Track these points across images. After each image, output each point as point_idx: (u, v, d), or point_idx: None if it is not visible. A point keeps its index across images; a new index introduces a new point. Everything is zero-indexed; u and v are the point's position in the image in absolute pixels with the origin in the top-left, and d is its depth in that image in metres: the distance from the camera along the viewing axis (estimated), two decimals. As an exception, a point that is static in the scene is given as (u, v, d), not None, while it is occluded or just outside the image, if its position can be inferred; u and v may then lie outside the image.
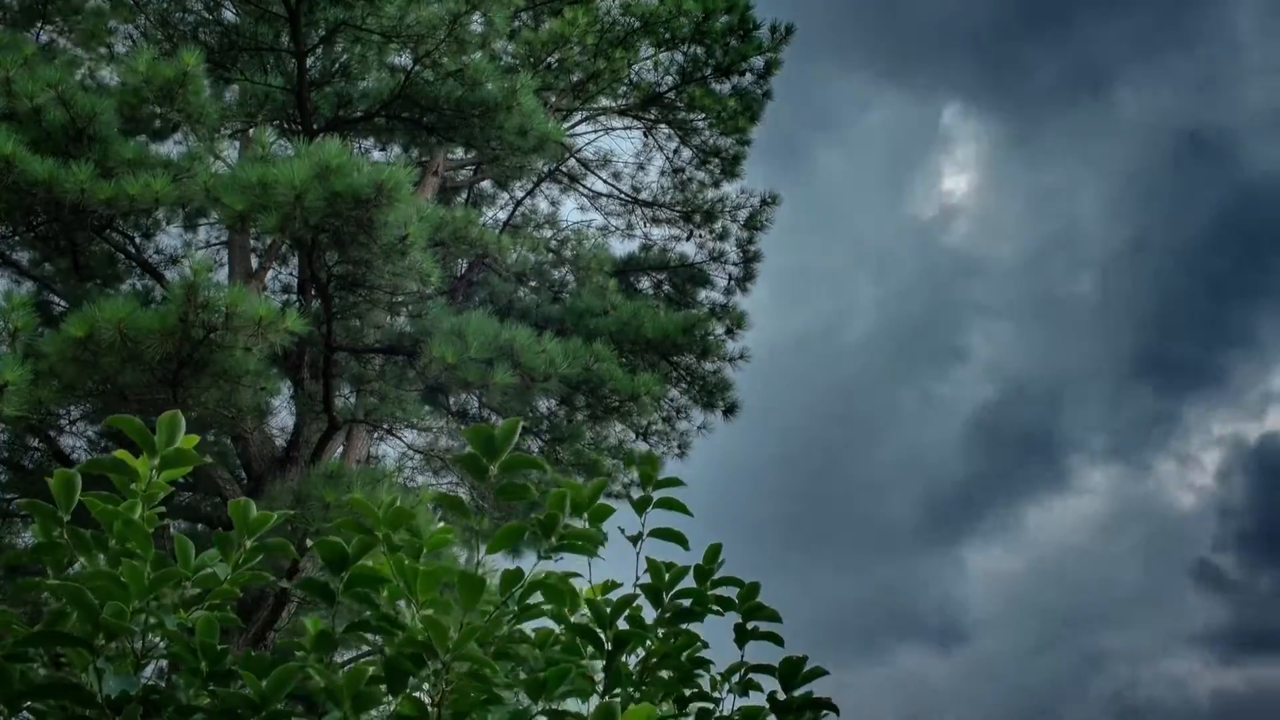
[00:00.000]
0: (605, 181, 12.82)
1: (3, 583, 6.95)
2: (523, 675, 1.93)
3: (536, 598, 2.01)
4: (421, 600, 1.83)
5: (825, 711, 2.11)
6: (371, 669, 1.81)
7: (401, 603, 1.93)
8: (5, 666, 1.69)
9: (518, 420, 1.88)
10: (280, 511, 1.94)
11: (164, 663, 1.97)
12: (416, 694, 1.83)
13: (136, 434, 1.88)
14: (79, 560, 1.89)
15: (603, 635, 2.04)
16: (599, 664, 2.06)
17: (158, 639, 1.83)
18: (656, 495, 2.19)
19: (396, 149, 10.18)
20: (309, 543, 2.06)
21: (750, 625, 2.20)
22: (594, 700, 1.96)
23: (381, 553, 1.90)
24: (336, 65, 8.80)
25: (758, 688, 2.16)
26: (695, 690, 2.17)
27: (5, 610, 1.76)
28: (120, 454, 1.89)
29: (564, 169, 12.60)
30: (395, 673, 1.78)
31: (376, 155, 10.33)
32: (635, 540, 2.17)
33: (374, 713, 1.86)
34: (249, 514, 1.89)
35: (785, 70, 11.28)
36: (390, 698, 1.82)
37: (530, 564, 1.97)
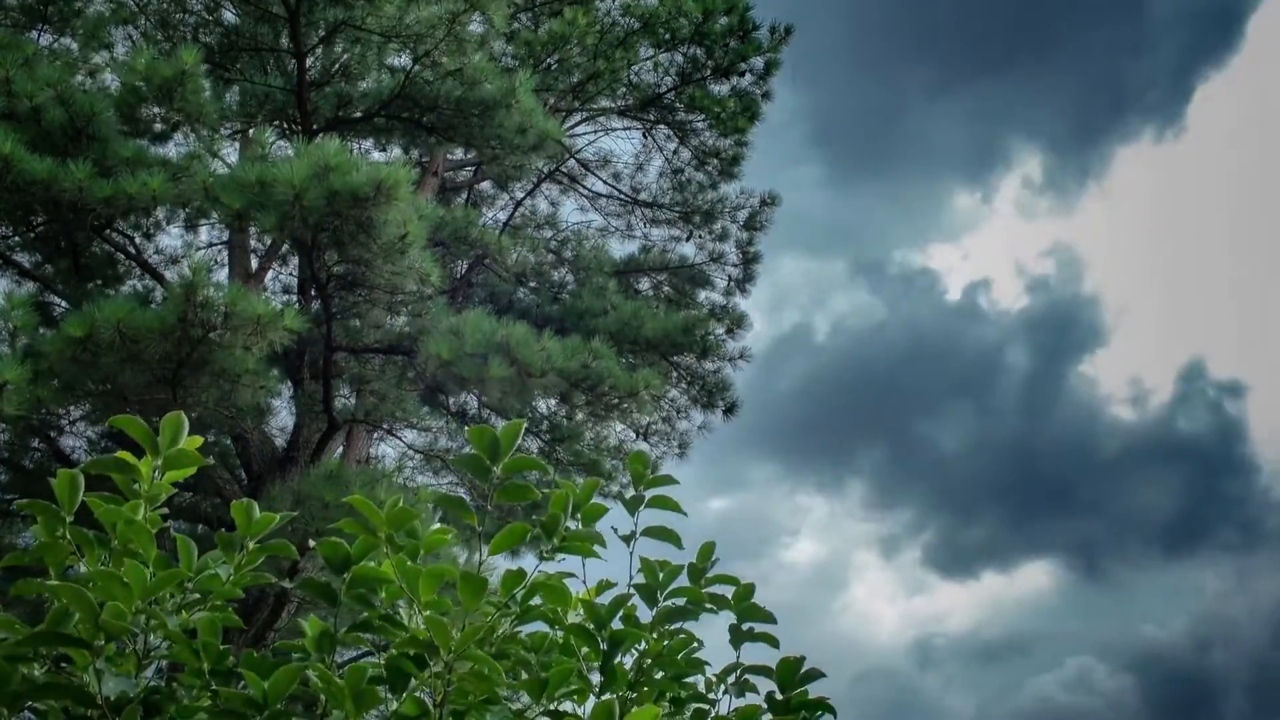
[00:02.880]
0: (605, 182, 12.82)
1: (2, 583, 6.95)
2: (524, 675, 1.93)
3: (536, 599, 2.01)
4: (423, 601, 1.84)
5: (823, 712, 2.11)
6: (371, 669, 1.81)
7: (401, 603, 1.94)
8: (5, 667, 1.69)
9: (521, 422, 1.89)
10: (284, 513, 1.94)
11: (164, 663, 1.98)
12: (417, 694, 1.84)
13: (139, 434, 1.89)
14: (79, 562, 1.90)
15: (599, 636, 2.04)
16: (593, 664, 2.06)
17: (159, 640, 1.83)
18: (649, 494, 2.17)
19: (396, 149, 10.18)
20: (310, 543, 2.07)
21: (745, 626, 2.20)
22: (590, 702, 1.97)
23: (384, 554, 1.91)
24: (336, 65, 8.80)
25: (754, 689, 2.17)
26: (691, 692, 2.17)
27: (4, 617, 1.77)
28: (122, 455, 1.89)
29: (564, 170, 12.60)
30: (397, 673, 1.79)
31: (376, 156, 10.33)
32: (628, 540, 2.16)
33: (372, 713, 1.87)
34: (252, 515, 1.89)
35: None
36: (389, 698, 1.83)
37: (526, 563, 1.98)
